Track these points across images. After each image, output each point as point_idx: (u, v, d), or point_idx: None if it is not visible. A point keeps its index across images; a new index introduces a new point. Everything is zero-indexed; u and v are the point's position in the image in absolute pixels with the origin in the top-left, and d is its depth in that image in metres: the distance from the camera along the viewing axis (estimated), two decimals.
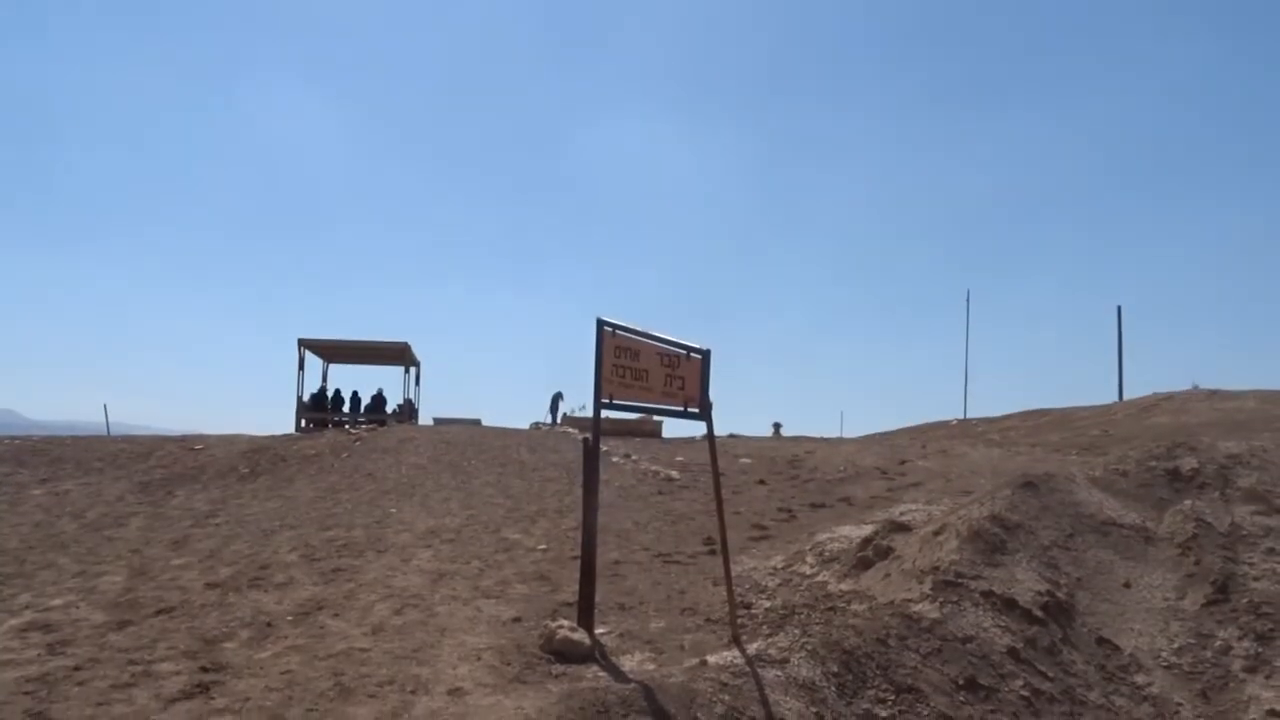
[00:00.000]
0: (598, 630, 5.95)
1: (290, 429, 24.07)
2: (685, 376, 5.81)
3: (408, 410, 26.85)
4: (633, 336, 5.80)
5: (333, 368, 28.66)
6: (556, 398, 27.97)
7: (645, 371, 5.81)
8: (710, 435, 5.87)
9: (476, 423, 23.69)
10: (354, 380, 59.78)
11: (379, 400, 26.69)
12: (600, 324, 5.70)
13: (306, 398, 26.01)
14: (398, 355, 27.06)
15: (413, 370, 27.76)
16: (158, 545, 9.10)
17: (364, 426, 21.58)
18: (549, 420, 27.08)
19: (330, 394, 26.78)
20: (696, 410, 5.70)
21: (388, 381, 58.94)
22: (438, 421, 24.30)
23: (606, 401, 5.78)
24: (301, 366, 25.69)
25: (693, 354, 5.88)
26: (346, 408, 26.74)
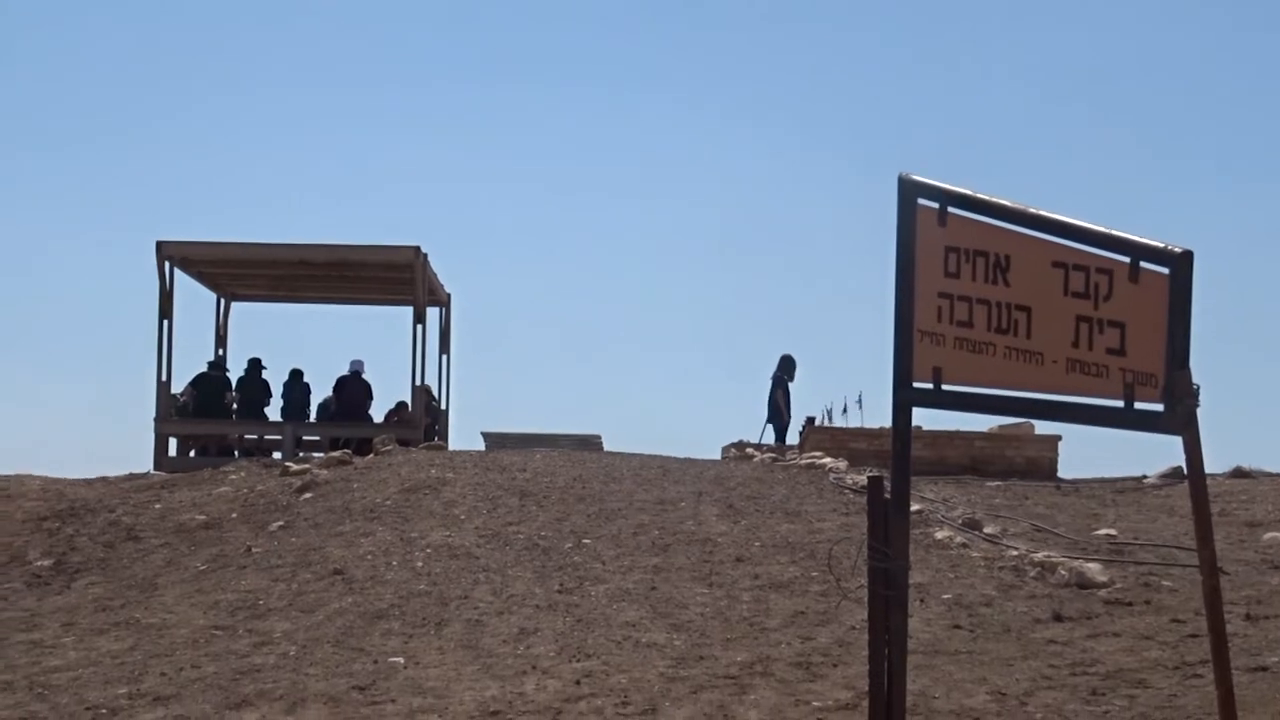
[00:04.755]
0: None
1: (147, 462, 24.46)
2: (1128, 321, 5.67)
3: (421, 415, 27.05)
4: (995, 224, 5.75)
5: (241, 311, 29.21)
6: (783, 371, 26.74)
7: (1024, 311, 5.76)
8: (1194, 470, 5.60)
9: (593, 445, 24.36)
10: (294, 346, 60.81)
11: (354, 392, 27.27)
12: (910, 189, 5.65)
13: (182, 389, 26.48)
14: (396, 280, 27.16)
15: (435, 318, 28.23)
16: None
17: (320, 455, 22.06)
18: (772, 437, 26.46)
19: (237, 378, 27.28)
20: (1158, 406, 5.52)
21: (374, 348, 59.60)
22: (492, 442, 24.79)
23: (927, 388, 5.79)
24: (167, 313, 25.52)
25: (1146, 264, 5.68)
26: (276, 409, 27.42)
